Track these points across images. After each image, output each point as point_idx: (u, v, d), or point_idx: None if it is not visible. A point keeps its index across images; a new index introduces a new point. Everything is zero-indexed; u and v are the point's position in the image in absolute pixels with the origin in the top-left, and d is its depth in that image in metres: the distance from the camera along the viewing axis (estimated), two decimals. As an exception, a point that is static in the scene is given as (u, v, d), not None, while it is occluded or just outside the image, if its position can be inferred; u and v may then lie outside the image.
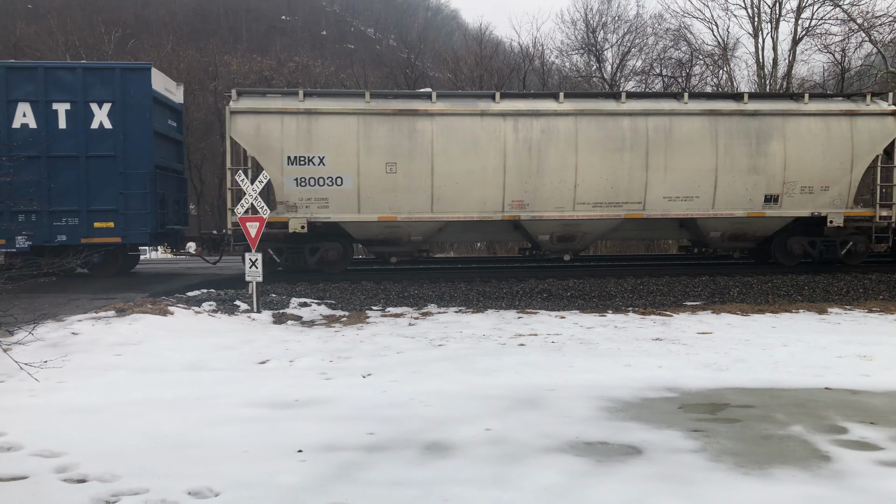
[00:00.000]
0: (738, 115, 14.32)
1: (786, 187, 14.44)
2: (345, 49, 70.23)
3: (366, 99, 13.74)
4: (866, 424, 5.68)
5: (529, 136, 13.88)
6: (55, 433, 5.31)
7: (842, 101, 15.12)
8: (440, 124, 13.71)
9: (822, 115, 14.54)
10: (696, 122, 14.26)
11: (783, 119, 14.39)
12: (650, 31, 32.09)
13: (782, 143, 14.34)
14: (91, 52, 34.24)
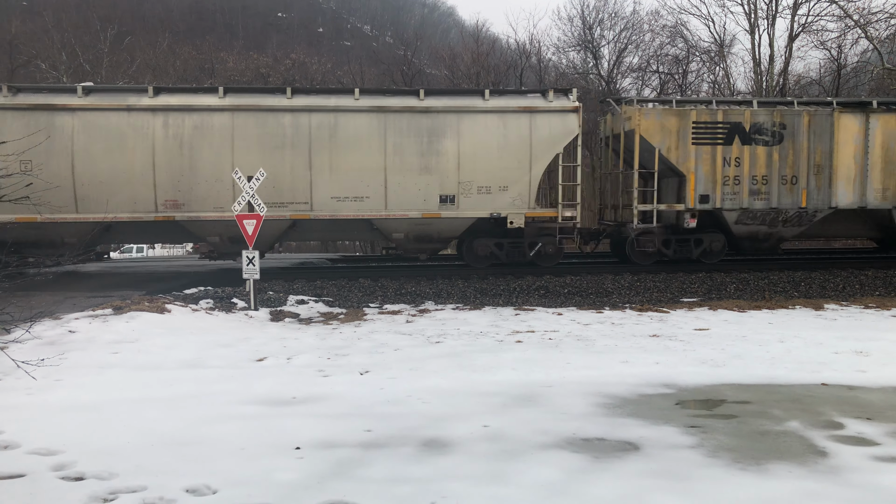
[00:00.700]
0: (409, 112, 13.76)
1: (461, 187, 13.88)
2: (341, 46, 70.16)
3: (3, 93, 13.12)
4: (862, 420, 5.70)
5: (181, 133, 13.30)
6: (52, 431, 5.31)
7: (522, 97, 14.44)
8: (82, 120, 13.12)
9: (499, 112, 13.92)
10: (363, 120, 13.68)
11: (458, 116, 13.81)
12: (647, 28, 32.12)
13: (456, 141, 13.79)
14: (87, 49, 34.14)
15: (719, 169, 14.57)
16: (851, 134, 14.73)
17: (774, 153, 14.66)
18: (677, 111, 14.52)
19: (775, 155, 14.65)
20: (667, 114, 14.49)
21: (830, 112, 14.71)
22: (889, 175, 14.79)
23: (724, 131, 14.61)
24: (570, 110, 14.12)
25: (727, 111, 14.62)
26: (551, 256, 14.69)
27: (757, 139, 14.62)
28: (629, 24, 32.55)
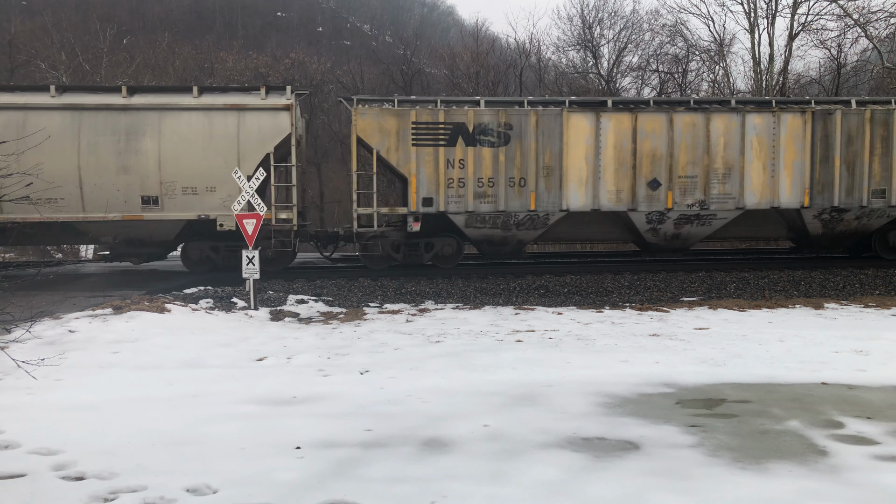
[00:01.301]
0: (106, 109, 13.39)
1: (164, 188, 13.47)
2: (341, 45, 70.11)
3: None
4: (863, 419, 5.70)
5: None
6: (53, 431, 5.31)
7: (233, 94, 14.05)
8: None
9: (205, 109, 13.57)
10: (56, 118, 13.19)
11: (159, 114, 13.47)
12: (646, 27, 32.15)
13: (157, 140, 13.42)
14: (86, 49, 34.12)
15: (442, 171, 13.94)
16: (582, 134, 14.20)
17: (501, 154, 14.11)
18: (396, 111, 13.93)
19: (501, 156, 14.11)
20: (385, 114, 13.92)
21: (559, 112, 14.14)
22: (623, 177, 14.26)
23: (447, 132, 13.99)
24: (282, 108, 13.72)
25: (449, 111, 13.99)
26: (279, 261, 14.28)
27: (482, 140, 14.06)
28: (629, 24, 32.61)
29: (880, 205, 14.64)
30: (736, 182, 14.37)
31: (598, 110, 14.25)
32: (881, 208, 14.68)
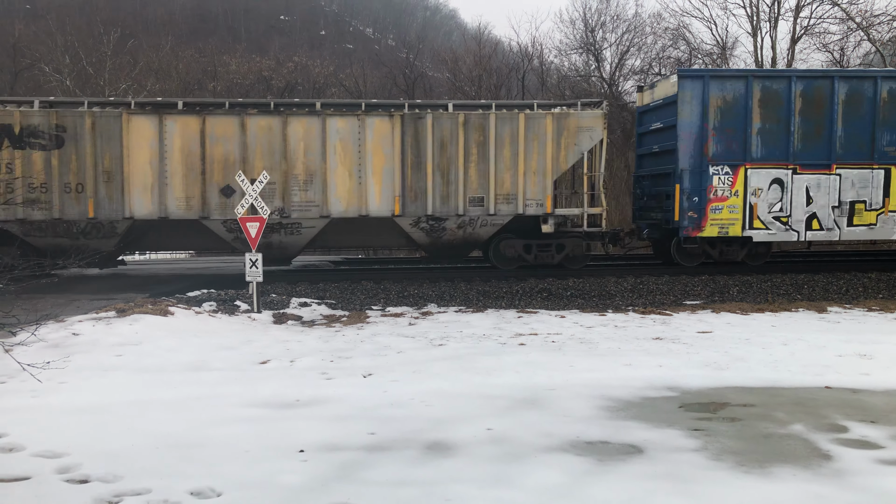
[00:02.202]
0: None
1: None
2: (344, 49, 70.28)
3: None
4: (866, 423, 5.70)
5: None
6: (57, 434, 5.32)
7: None
8: None
9: None
10: None
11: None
12: (649, 31, 32.11)
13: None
14: (90, 52, 34.23)
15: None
16: (146, 138, 13.28)
17: (54, 158, 13.07)
18: None
19: (55, 160, 13.07)
20: None
21: (119, 113, 13.22)
22: (193, 183, 13.39)
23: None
24: None
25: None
26: None
27: (32, 143, 12.98)
28: (631, 27, 32.57)
29: (479, 213, 14.03)
30: (319, 189, 13.63)
31: (163, 113, 13.37)
32: (481, 217, 14.05)
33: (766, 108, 14.41)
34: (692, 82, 14.34)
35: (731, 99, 14.37)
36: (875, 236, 14.76)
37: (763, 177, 14.41)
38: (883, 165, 14.52)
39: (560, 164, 14.29)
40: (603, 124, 14.34)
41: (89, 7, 49.75)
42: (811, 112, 14.44)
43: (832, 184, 14.51)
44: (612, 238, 15.08)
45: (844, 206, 14.52)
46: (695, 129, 14.35)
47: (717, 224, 14.45)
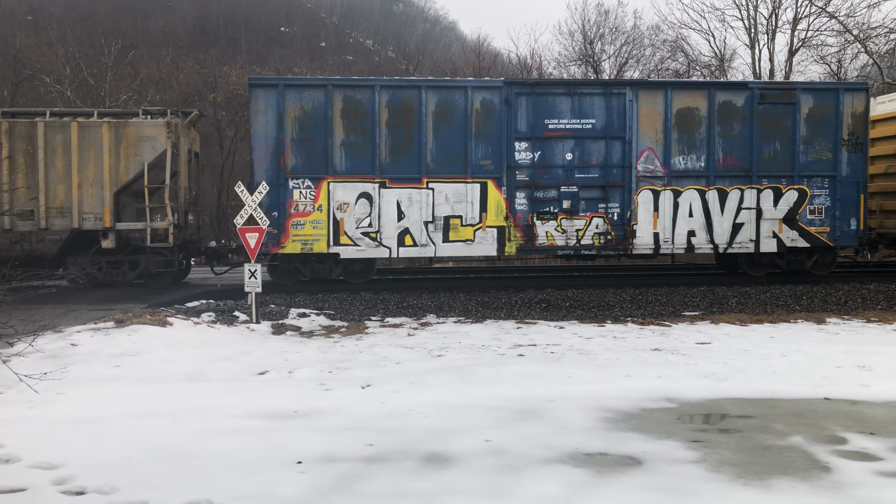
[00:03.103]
0: None
1: None
2: (344, 60, 70.55)
3: None
4: (866, 435, 5.69)
5: None
6: (54, 445, 5.31)
7: None
8: None
9: None
10: None
11: None
12: (647, 43, 32.28)
13: None
14: (91, 63, 34.35)
15: None
16: None
17: None
18: None
19: None
20: None
21: None
22: None
23: None
24: None
25: None
26: None
27: None
28: (630, 39, 32.75)
29: (30, 228, 13.53)
30: None
31: None
32: (35, 232, 13.50)
33: (349, 119, 13.69)
34: (265, 91, 13.54)
35: (310, 109, 13.61)
36: (472, 252, 14.28)
37: (349, 191, 13.69)
38: (478, 179, 13.97)
39: (120, 176, 13.98)
40: (167, 134, 14.01)
41: (91, 19, 49.97)
42: (399, 124, 13.79)
43: (424, 198, 13.86)
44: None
45: (439, 221, 13.90)
46: (271, 140, 13.54)
47: (300, 240, 13.69)
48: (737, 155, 14.51)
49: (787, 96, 14.58)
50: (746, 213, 14.52)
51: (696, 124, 14.41)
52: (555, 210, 14.21)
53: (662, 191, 14.39)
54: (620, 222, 14.32)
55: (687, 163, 14.44)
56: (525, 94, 14.11)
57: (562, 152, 14.23)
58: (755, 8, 27.83)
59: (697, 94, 14.48)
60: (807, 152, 14.57)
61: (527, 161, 14.14)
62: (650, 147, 14.36)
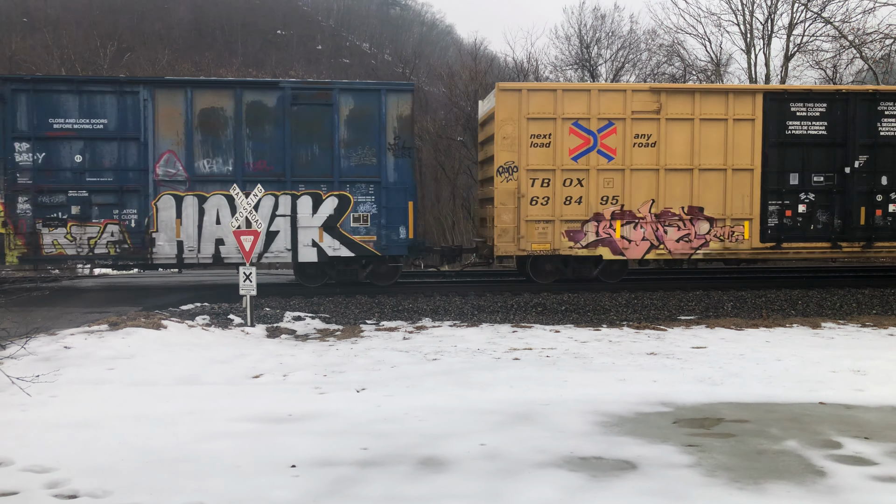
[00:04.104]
0: None
1: None
2: (340, 63, 70.55)
3: None
4: (860, 439, 5.69)
5: None
6: (46, 448, 5.27)
7: None
8: None
9: None
10: None
11: None
12: (644, 47, 32.33)
13: None
14: (86, 65, 34.30)
15: None
16: None
17: None
18: None
19: None
20: None
21: None
22: None
23: None
24: None
25: None
26: None
27: None
28: (626, 44, 32.77)
29: None
30: None
31: None
32: None
33: None
34: None
35: None
36: None
37: None
38: None
39: None
40: None
41: (87, 21, 49.90)
42: None
43: None
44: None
45: None
46: None
47: None
48: (269, 158, 13.67)
49: (324, 97, 13.74)
50: (282, 221, 13.70)
51: (222, 126, 13.55)
52: (63, 216, 13.25)
53: (185, 196, 13.50)
54: (139, 230, 13.43)
55: (213, 167, 13.59)
56: (25, 91, 13.13)
57: (70, 154, 13.28)
58: (751, 13, 27.95)
59: (223, 93, 13.63)
60: (349, 157, 13.78)
61: (29, 163, 13.14)
62: (171, 149, 13.48)
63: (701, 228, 14.48)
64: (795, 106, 14.63)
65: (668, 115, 14.31)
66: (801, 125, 14.61)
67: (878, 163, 14.69)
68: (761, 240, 14.60)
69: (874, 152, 14.68)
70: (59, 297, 13.47)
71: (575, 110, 14.21)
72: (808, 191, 14.70)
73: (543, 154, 14.21)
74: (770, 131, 14.53)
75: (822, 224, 14.84)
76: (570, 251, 14.38)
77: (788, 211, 14.71)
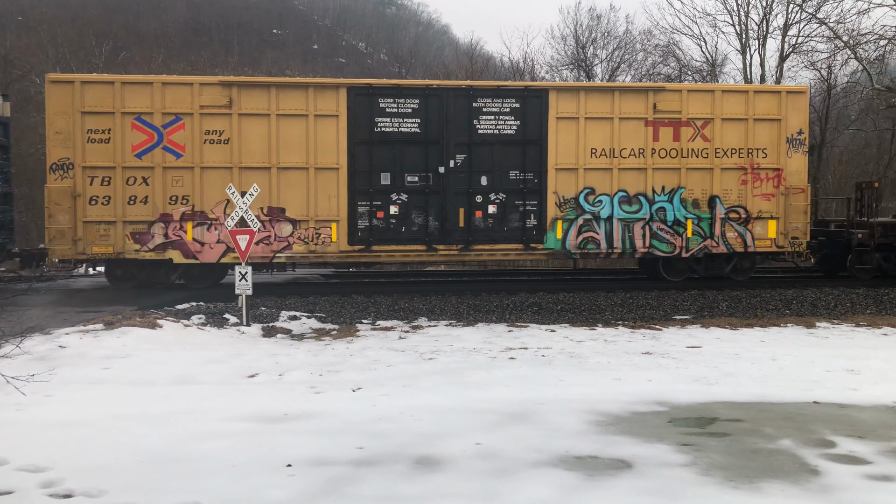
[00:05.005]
0: None
1: None
2: (336, 63, 70.47)
3: None
4: (854, 438, 5.71)
5: None
6: (41, 447, 5.26)
7: None
8: None
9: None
10: None
11: None
12: (639, 47, 32.37)
13: None
14: (81, 64, 34.20)
15: None
16: None
17: None
18: None
19: None
20: None
21: None
22: None
23: None
24: None
25: None
26: None
27: None
28: (622, 44, 32.83)
29: None
30: None
31: None
32: None
33: None
34: None
35: None
36: None
37: None
38: None
39: None
40: None
41: (82, 19, 49.70)
42: None
43: None
44: None
45: None
46: None
47: None
48: None
49: None
50: None
51: None
52: None
53: None
54: None
55: None
56: None
57: None
58: (746, 14, 27.97)
59: None
60: None
61: None
62: None
63: (283, 230, 13.67)
64: (385, 102, 13.81)
65: (242, 110, 13.51)
66: (391, 122, 13.84)
67: (477, 162, 14.01)
68: (350, 242, 13.83)
69: (472, 151, 13.98)
70: (55, 297, 13.43)
71: (137, 104, 13.38)
72: (402, 191, 13.87)
73: (103, 150, 13.34)
74: (357, 128, 13.73)
75: (417, 226, 14.04)
76: (136, 255, 13.51)
77: (380, 212, 13.87)
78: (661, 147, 14.54)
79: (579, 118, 14.29)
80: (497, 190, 14.13)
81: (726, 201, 14.70)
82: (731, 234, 14.76)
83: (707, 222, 14.67)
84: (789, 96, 14.94)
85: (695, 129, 14.62)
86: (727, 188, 14.72)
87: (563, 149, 14.27)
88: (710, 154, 14.66)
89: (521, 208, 14.25)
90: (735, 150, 14.72)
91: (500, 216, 14.20)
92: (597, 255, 14.82)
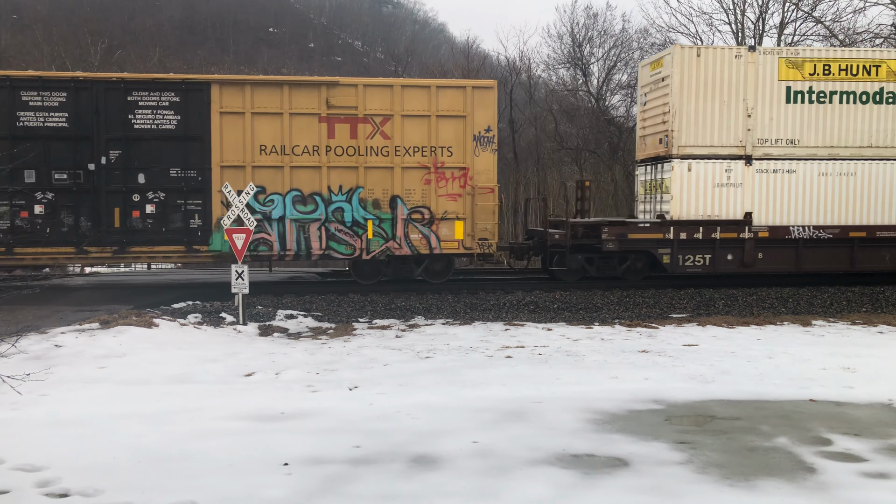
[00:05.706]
0: None
1: None
2: (332, 61, 70.44)
3: None
4: (850, 436, 5.73)
5: None
6: (37, 447, 5.25)
7: None
8: None
9: None
10: None
11: None
12: (636, 46, 32.37)
13: None
14: (77, 63, 34.11)
15: None
16: None
17: None
18: None
19: None
20: None
21: None
22: None
23: None
24: None
25: None
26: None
27: None
28: (618, 42, 32.82)
29: None
30: None
31: None
32: None
33: None
34: None
35: None
36: None
37: None
38: None
39: None
40: None
41: (77, 18, 49.58)
42: None
43: None
44: None
45: None
46: None
47: None
48: None
49: None
50: None
51: None
52: None
53: None
54: None
55: None
56: None
57: None
58: (742, 12, 28.04)
59: None
60: None
61: None
62: None
63: None
64: (28, 94, 12.90)
65: None
66: (36, 116, 12.94)
67: (133, 159, 13.20)
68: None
69: (128, 147, 13.19)
70: (51, 296, 13.39)
71: None
72: (48, 190, 12.95)
73: None
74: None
75: (67, 227, 13.13)
76: None
77: (24, 212, 12.91)
78: (338, 145, 13.70)
79: (245, 113, 13.42)
80: (156, 188, 13.29)
81: (409, 202, 13.91)
82: (415, 235, 14.04)
83: (389, 223, 13.91)
84: (476, 91, 14.03)
85: (374, 126, 13.78)
86: (410, 188, 13.93)
87: (230, 145, 13.43)
88: (390, 152, 13.83)
89: (183, 208, 13.42)
90: (418, 149, 13.89)
91: (160, 216, 13.37)
92: (269, 258, 14.15)
